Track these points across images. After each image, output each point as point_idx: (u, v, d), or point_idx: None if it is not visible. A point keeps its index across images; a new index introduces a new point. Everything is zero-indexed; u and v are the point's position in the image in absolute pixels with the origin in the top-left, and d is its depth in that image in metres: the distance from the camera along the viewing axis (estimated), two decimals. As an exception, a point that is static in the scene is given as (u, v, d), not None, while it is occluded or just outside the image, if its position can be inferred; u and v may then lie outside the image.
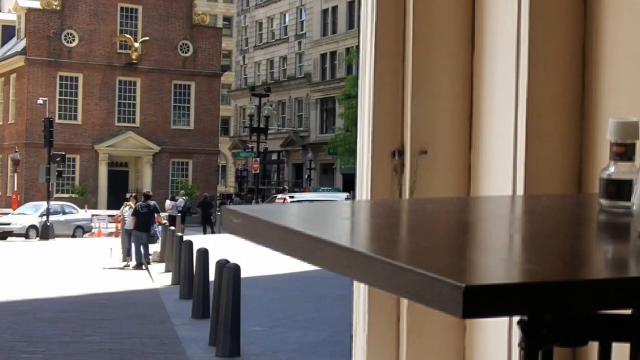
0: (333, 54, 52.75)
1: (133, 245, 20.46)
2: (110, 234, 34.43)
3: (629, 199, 1.53)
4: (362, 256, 1.29)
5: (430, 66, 2.29)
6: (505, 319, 2.06)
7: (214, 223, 36.84)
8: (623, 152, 1.66)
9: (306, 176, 47.79)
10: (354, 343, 2.33)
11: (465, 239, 1.59)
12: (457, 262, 1.36)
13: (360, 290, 2.33)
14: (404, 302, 2.28)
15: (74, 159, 48.44)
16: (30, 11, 49.16)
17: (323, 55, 53.11)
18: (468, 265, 1.37)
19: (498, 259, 1.44)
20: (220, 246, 17.52)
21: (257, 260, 16.49)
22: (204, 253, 13.55)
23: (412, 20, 2.28)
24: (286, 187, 43.44)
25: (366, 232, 1.63)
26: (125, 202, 24.32)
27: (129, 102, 52.00)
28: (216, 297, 10.18)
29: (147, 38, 51.58)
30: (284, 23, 59.45)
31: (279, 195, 28.46)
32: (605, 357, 1.51)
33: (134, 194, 24.46)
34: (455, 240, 1.56)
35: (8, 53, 51.21)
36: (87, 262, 21.72)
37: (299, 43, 55.58)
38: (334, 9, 53.55)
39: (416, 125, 2.27)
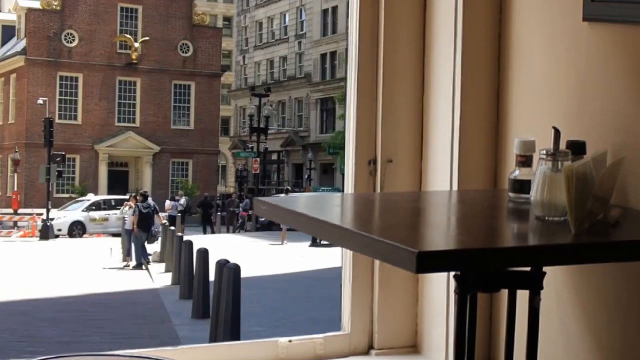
0: (333, 54, 53.76)
1: (133, 245, 20.78)
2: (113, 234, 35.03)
3: (528, 193, 2.33)
4: (348, 231, 2.18)
5: (394, 102, 3.25)
6: (445, 274, 2.94)
7: (214, 223, 37.31)
8: (524, 161, 2.50)
9: (306, 176, 48.09)
10: (343, 292, 3.30)
11: (417, 220, 2.46)
12: (412, 235, 2.18)
13: (347, 255, 3.28)
14: (377, 262, 3.21)
15: (74, 159, 48.99)
16: (30, 11, 49.66)
17: (323, 55, 53.21)
18: (419, 237, 2.19)
19: (440, 233, 2.30)
20: (220, 246, 18.16)
21: (257, 260, 16.83)
22: (204, 253, 13.72)
23: (382, 71, 3.23)
24: (289, 187, 43.97)
25: (351, 214, 2.56)
26: (125, 202, 24.70)
27: (129, 102, 52.83)
28: (216, 297, 10.50)
29: (147, 38, 52.46)
30: (284, 23, 59.96)
31: (281, 196, 29.73)
32: (512, 300, 2.41)
33: (133, 194, 24.72)
34: (411, 220, 2.43)
35: (8, 53, 51.63)
36: (87, 262, 22.15)
37: (299, 43, 55.79)
38: (334, 9, 54.49)
39: (384, 142, 3.23)
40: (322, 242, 20.84)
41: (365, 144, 3.24)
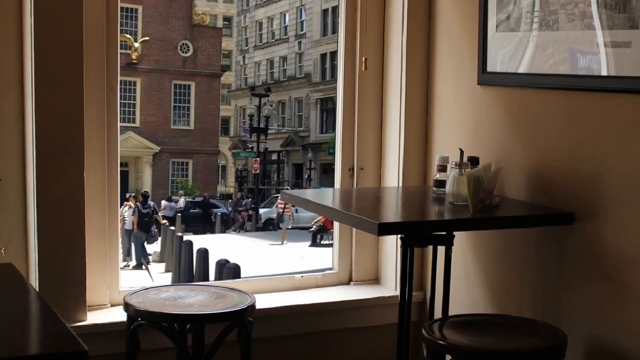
0: (333, 54, 46.64)
1: (133, 245, 19.39)
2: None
3: (444, 188, 3.17)
4: (337, 210, 3.20)
5: (364, 126, 4.02)
6: (395, 236, 3.68)
7: (214, 223, 33.76)
8: (442, 169, 3.30)
9: (306, 176, 43.89)
10: (333, 247, 4.13)
11: (378, 204, 3.40)
12: (375, 213, 3.23)
13: (336, 225, 4.08)
14: (354, 229, 3.95)
15: None
16: None
17: (323, 55, 49.14)
18: (379, 214, 3.27)
19: (391, 212, 3.37)
20: (220, 246, 17.07)
21: (256, 260, 15.91)
22: (204, 253, 13.32)
23: (357, 98, 4.00)
24: (289, 187, 40.03)
25: (338, 201, 3.49)
26: (125, 202, 22.71)
27: (129, 102, 49.20)
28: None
29: (147, 38, 49.17)
30: (284, 23, 54.79)
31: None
32: (435, 252, 3.29)
33: (133, 194, 23.37)
34: (374, 204, 3.39)
35: None
36: (87, 262, 20.27)
37: (299, 43, 51.74)
38: (334, 9, 47.81)
39: (358, 156, 4.02)
40: (322, 242, 19.97)
41: (347, 156, 4.00)
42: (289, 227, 23.66)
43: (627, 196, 2.83)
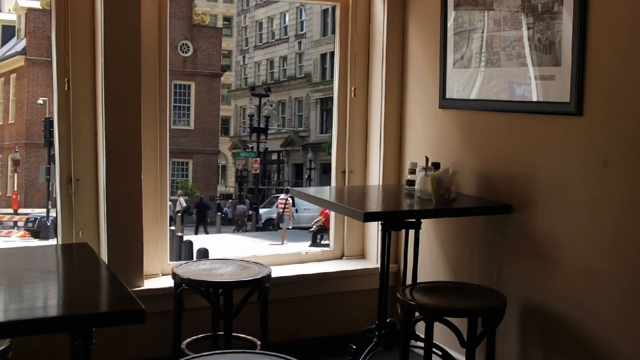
0: (333, 54, 27.86)
1: None
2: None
3: (414, 186, 3.15)
4: (333, 203, 3.19)
5: (354, 134, 3.94)
6: (377, 222, 3.63)
7: (208, 224, 27.12)
8: (412, 171, 3.29)
9: (306, 176, 35.53)
10: (330, 231, 4.08)
11: (364, 198, 3.39)
12: (361, 205, 3.16)
13: (332, 214, 4.03)
14: (346, 217, 3.93)
15: None
16: (30, 11, 35.94)
17: (323, 55, 38.77)
18: (365, 206, 3.18)
19: (374, 204, 3.33)
20: (220, 246, 15.00)
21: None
22: (204, 253, 11.82)
23: (348, 122, 3.92)
24: (288, 187, 30.54)
25: (334, 195, 3.45)
26: None
27: None
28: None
29: None
30: (284, 23, 43.94)
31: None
32: (407, 235, 3.31)
33: None
34: (361, 198, 3.37)
35: (8, 53, 37.88)
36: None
37: (299, 43, 41.08)
38: (334, 9, 32.12)
39: (349, 161, 3.95)
40: (321, 242, 16.59)
41: (340, 161, 3.94)
42: (289, 227, 19.51)
43: (552, 192, 2.83)
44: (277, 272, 3.53)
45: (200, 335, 3.17)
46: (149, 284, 3.38)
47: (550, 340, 2.85)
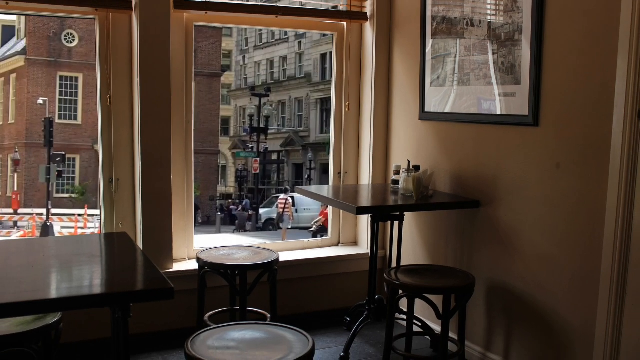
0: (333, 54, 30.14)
1: None
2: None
3: (398, 185, 3.07)
4: (331, 199, 2.96)
5: (347, 145, 3.82)
6: (367, 215, 3.53)
7: (200, 224, 23.67)
8: (397, 172, 3.22)
9: (306, 176, 30.56)
10: (329, 225, 3.95)
11: (356, 195, 3.24)
12: (354, 200, 2.95)
13: (330, 208, 3.91)
14: (341, 211, 3.80)
15: (74, 159, 29.94)
16: None
17: (323, 55, 33.18)
18: (357, 201, 2.95)
19: (365, 199, 3.11)
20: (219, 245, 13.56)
21: None
22: None
23: (343, 131, 3.80)
24: (288, 187, 27.96)
25: (331, 193, 3.23)
26: None
27: None
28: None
29: None
30: None
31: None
32: (392, 225, 3.26)
33: None
34: (354, 195, 3.22)
35: (8, 53, 32.13)
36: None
37: (299, 43, 35.33)
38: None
39: (344, 164, 3.85)
40: None
41: (337, 165, 3.85)
42: (289, 227, 17.38)
43: (513, 190, 2.79)
44: (284, 257, 3.51)
45: (220, 310, 3.14)
46: (177, 267, 3.35)
47: (512, 313, 2.83)
